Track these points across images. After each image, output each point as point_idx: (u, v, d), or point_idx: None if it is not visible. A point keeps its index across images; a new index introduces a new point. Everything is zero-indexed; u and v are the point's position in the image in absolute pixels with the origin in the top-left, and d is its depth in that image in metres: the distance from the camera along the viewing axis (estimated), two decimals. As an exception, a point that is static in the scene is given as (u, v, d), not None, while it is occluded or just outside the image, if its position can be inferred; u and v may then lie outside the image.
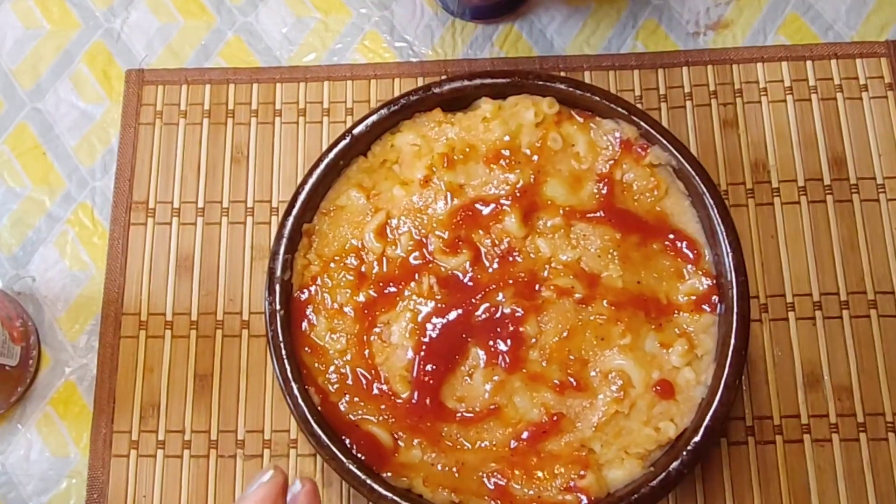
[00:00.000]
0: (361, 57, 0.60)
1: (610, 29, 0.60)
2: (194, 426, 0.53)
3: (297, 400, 0.46)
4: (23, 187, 0.58)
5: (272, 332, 0.47)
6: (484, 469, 0.45)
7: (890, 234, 0.54)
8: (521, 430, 0.46)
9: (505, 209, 0.49)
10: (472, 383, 0.47)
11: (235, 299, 0.55)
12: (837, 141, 0.56)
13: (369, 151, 0.51)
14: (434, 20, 0.60)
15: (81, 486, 0.52)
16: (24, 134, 0.59)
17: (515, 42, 0.60)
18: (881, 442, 0.51)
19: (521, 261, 0.48)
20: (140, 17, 0.61)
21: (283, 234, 0.49)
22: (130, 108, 0.59)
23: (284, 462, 0.52)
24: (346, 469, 0.44)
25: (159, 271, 0.56)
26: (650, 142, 0.49)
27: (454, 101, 0.51)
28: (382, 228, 0.50)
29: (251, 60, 0.60)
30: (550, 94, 0.50)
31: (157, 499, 0.52)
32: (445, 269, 0.49)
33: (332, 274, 0.49)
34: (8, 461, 0.53)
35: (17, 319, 0.53)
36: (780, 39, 0.59)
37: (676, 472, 0.43)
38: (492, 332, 0.47)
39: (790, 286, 0.53)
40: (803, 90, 0.57)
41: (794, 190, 0.55)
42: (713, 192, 0.47)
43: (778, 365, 0.52)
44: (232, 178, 0.57)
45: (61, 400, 0.54)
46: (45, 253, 0.56)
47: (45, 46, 0.61)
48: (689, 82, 0.58)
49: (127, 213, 0.57)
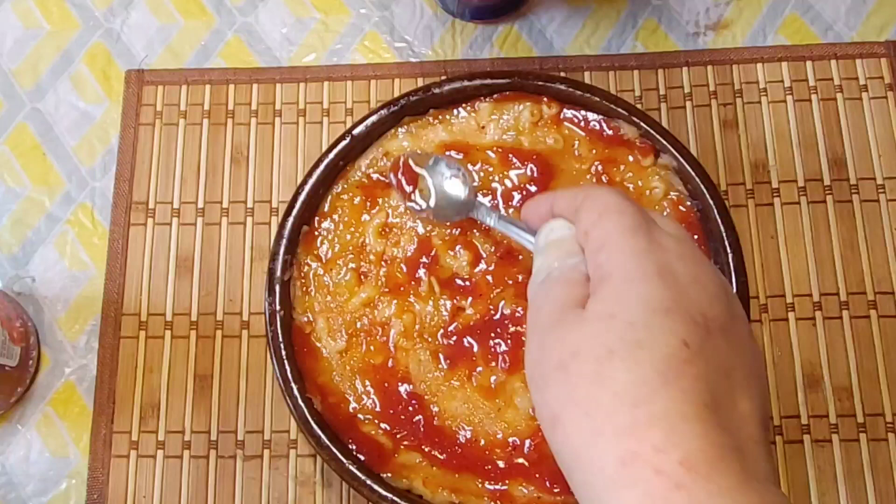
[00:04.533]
0: (361, 57, 0.60)
1: (610, 29, 0.60)
2: (194, 426, 0.53)
3: (296, 401, 0.46)
4: (22, 187, 0.58)
5: (272, 333, 0.47)
6: (484, 469, 0.45)
7: (890, 234, 0.54)
8: (521, 431, 0.46)
9: (505, 210, 0.49)
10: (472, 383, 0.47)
11: (235, 300, 0.55)
12: (837, 141, 0.56)
13: (368, 153, 0.51)
14: (434, 20, 0.60)
15: (81, 487, 0.52)
16: (24, 134, 0.59)
17: (515, 42, 0.60)
18: (881, 442, 0.51)
19: (521, 261, 0.48)
20: (140, 17, 0.61)
21: (283, 235, 0.49)
22: (130, 109, 0.59)
23: (284, 462, 0.52)
24: (346, 469, 0.44)
25: (159, 272, 0.56)
26: (651, 142, 0.49)
27: (454, 101, 0.51)
28: (383, 228, 0.50)
29: (251, 61, 0.60)
30: (550, 95, 0.50)
31: (156, 499, 0.52)
32: (445, 270, 0.49)
33: (332, 274, 0.49)
34: (8, 462, 0.53)
35: (16, 320, 0.53)
36: (780, 40, 0.59)
37: (676, 473, 0.43)
38: (492, 332, 0.47)
39: (790, 286, 0.53)
40: (803, 90, 0.57)
41: (794, 190, 0.55)
42: (713, 192, 0.48)
43: (778, 365, 0.52)
44: (232, 178, 0.57)
45: (61, 400, 0.54)
46: (45, 253, 0.56)
47: (45, 46, 0.61)
48: (688, 83, 0.58)
49: (127, 214, 0.57)
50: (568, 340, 0.30)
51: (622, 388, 0.28)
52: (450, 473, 0.45)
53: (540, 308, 0.33)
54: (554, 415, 0.30)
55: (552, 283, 0.34)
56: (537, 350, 0.32)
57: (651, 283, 0.30)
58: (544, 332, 0.32)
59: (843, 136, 0.56)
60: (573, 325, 0.31)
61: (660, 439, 0.27)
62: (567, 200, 0.36)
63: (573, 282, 0.33)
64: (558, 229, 0.36)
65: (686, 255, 0.32)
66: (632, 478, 0.27)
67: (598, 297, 0.31)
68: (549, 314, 0.32)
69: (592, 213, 0.33)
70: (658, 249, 0.31)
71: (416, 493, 0.45)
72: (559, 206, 0.37)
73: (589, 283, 0.32)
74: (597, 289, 0.31)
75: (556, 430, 0.30)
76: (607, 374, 0.28)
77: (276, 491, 0.51)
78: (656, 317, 0.29)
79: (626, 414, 0.28)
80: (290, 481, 0.51)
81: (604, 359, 0.29)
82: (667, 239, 0.32)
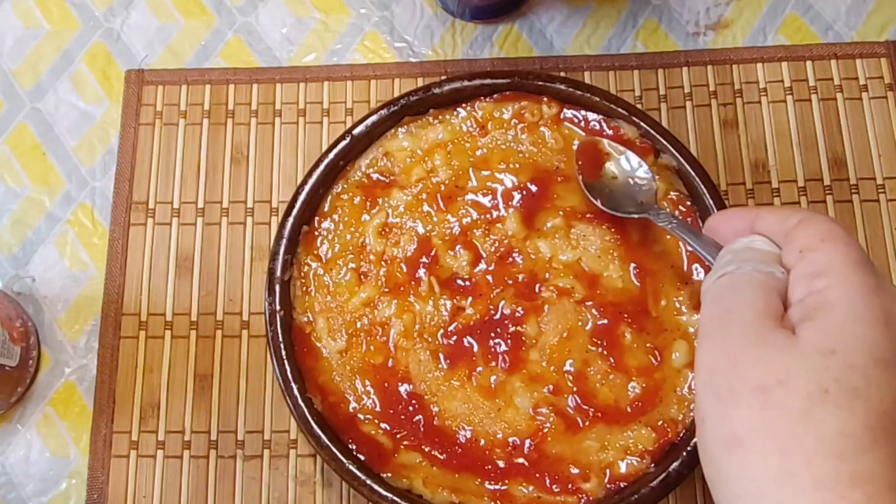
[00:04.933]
0: (361, 57, 0.60)
1: (610, 29, 0.60)
2: (194, 426, 0.53)
3: (296, 400, 0.46)
4: (22, 187, 0.58)
5: (272, 333, 0.47)
6: (484, 469, 0.45)
7: (890, 234, 0.54)
8: (521, 431, 0.46)
9: (504, 210, 0.49)
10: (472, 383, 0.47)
11: (235, 299, 0.55)
12: (837, 141, 0.56)
13: (368, 153, 0.51)
14: (434, 20, 0.60)
15: (81, 487, 0.52)
16: (24, 134, 0.59)
17: (515, 42, 0.60)
18: (881, 442, 0.51)
19: (521, 261, 0.48)
20: (140, 17, 0.61)
21: (283, 235, 0.49)
22: (130, 109, 0.59)
23: (284, 462, 0.52)
24: (346, 469, 0.44)
25: (159, 272, 0.56)
26: (651, 141, 0.49)
27: (454, 101, 0.51)
28: (383, 228, 0.50)
29: (251, 61, 0.60)
30: (550, 95, 0.50)
31: (156, 499, 0.52)
32: (445, 270, 0.49)
33: (332, 274, 0.49)
34: (8, 462, 0.53)
35: (16, 320, 0.53)
36: (780, 39, 0.59)
37: (676, 473, 0.43)
38: (492, 332, 0.47)
39: (790, 286, 0.53)
40: (803, 90, 0.57)
41: (794, 190, 0.55)
42: (713, 192, 0.48)
43: (778, 365, 0.52)
44: (232, 178, 0.57)
45: (61, 400, 0.54)
46: (45, 253, 0.56)
47: (45, 46, 0.61)
48: (689, 82, 0.58)
49: (127, 214, 0.57)
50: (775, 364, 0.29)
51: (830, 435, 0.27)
52: (450, 473, 0.45)
53: (729, 308, 0.31)
54: (736, 436, 0.29)
55: (744, 283, 0.32)
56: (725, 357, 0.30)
57: (877, 329, 0.29)
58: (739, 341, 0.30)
59: (843, 136, 0.56)
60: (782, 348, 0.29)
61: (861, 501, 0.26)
62: (775, 220, 0.34)
63: (770, 289, 0.31)
64: (759, 242, 0.34)
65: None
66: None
67: (816, 326, 0.29)
68: (743, 320, 0.30)
69: (813, 236, 0.32)
70: (884, 293, 0.30)
71: (416, 493, 0.45)
72: (764, 223, 0.35)
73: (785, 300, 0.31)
74: (814, 315, 0.29)
75: (733, 454, 0.29)
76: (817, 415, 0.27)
77: (276, 491, 0.51)
78: (878, 367, 0.28)
79: (829, 465, 0.27)
80: (290, 481, 0.51)
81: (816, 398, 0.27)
82: (889, 283, 0.31)
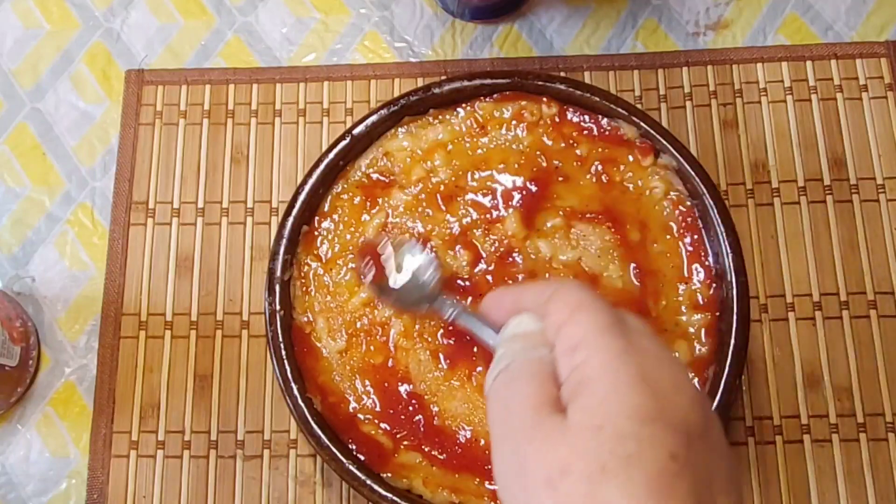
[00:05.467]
0: (361, 57, 0.60)
1: (610, 29, 0.60)
2: (194, 426, 0.53)
3: (296, 400, 0.46)
4: (22, 187, 0.58)
5: (272, 333, 0.47)
6: (484, 469, 0.45)
7: (890, 234, 0.54)
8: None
9: (504, 210, 0.49)
10: (472, 383, 0.47)
11: (235, 299, 0.55)
12: (837, 141, 0.56)
13: (368, 153, 0.51)
14: (434, 20, 0.60)
15: (81, 487, 0.52)
16: (24, 134, 0.59)
17: (515, 42, 0.60)
18: (881, 442, 0.51)
19: (521, 261, 0.48)
20: (140, 17, 0.61)
21: (283, 235, 0.49)
22: (130, 109, 0.59)
23: (284, 462, 0.52)
24: (346, 469, 0.44)
25: (159, 271, 0.56)
26: (650, 141, 0.49)
27: (454, 101, 0.51)
28: (383, 228, 0.50)
29: (251, 60, 0.60)
30: (550, 95, 0.50)
31: (156, 499, 0.52)
32: (445, 270, 0.49)
33: (332, 274, 0.49)
34: (8, 462, 0.53)
35: (16, 320, 0.53)
36: (780, 39, 0.59)
37: (676, 473, 0.43)
38: (492, 332, 0.47)
39: (790, 286, 0.53)
40: (803, 90, 0.57)
41: (794, 190, 0.55)
42: (713, 192, 0.48)
43: (778, 365, 0.52)
44: (232, 178, 0.57)
45: (61, 400, 0.54)
46: (45, 253, 0.56)
47: (45, 46, 0.61)
48: (688, 82, 0.58)
49: (127, 214, 0.57)
50: (553, 454, 0.29)
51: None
52: (450, 473, 0.45)
53: (508, 406, 0.32)
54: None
55: (518, 377, 0.32)
56: (513, 458, 0.30)
57: (636, 391, 0.29)
58: (520, 438, 0.30)
59: (843, 136, 0.56)
60: (556, 435, 0.29)
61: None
62: (534, 294, 0.35)
63: (542, 376, 0.31)
64: (526, 323, 0.34)
65: (663, 358, 0.31)
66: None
67: (580, 405, 0.30)
68: (521, 416, 0.31)
69: (564, 309, 0.32)
70: (636, 351, 0.30)
71: (416, 493, 0.45)
72: (526, 299, 0.35)
73: (557, 380, 0.31)
74: (577, 394, 0.30)
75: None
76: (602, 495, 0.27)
77: (276, 491, 0.51)
78: (645, 427, 0.28)
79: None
80: (290, 481, 0.51)
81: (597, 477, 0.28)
82: (640, 338, 0.31)
